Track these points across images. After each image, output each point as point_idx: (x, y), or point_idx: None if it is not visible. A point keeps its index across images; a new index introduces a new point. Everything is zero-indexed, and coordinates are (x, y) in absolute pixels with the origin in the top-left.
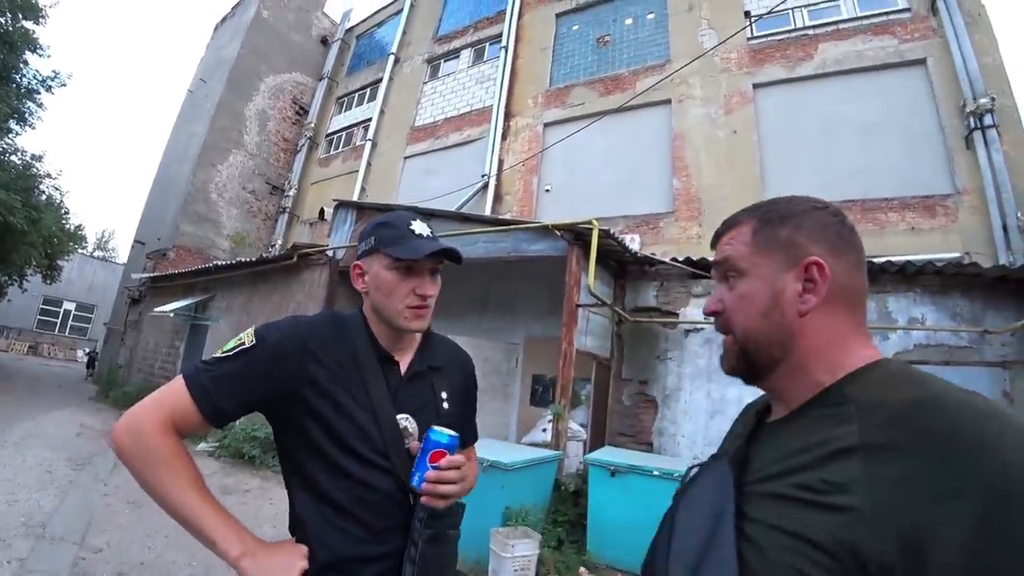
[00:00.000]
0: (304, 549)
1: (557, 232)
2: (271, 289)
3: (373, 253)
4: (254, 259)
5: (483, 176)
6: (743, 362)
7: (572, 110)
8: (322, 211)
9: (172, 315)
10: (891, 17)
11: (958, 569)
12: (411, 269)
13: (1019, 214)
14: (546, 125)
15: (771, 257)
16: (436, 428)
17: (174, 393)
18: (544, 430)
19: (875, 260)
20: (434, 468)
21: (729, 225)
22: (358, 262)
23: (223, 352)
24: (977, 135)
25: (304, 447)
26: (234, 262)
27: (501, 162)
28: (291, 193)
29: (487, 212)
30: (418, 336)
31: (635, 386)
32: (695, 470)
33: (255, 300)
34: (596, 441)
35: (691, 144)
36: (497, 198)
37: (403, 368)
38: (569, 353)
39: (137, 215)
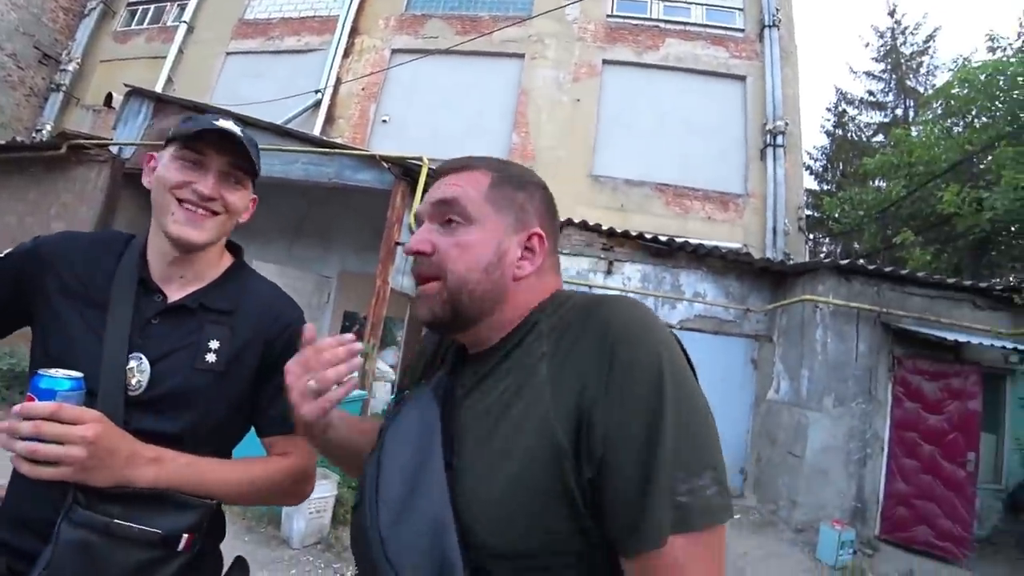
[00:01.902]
0: None
1: (385, 164)
2: (27, 184)
3: (167, 145)
4: (2, 142)
5: (317, 92)
6: (450, 311)
7: (425, 42)
8: (109, 96)
9: None
10: (728, 33)
11: (601, 428)
12: (199, 164)
13: (786, 220)
14: (394, 51)
15: (503, 216)
16: (44, 371)
17: None
18: None
19: (677, 239)
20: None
21: (462, 166)
22: (153, 154)
23: None
24: (770, 150)
25: (31, 370)
26: None
27: (339, 81)
28: (71, 68)
29: (316, 133)
30: (219, 270)
31: None
32: (394, 406)
33: (2, 196)
34: None
35: (535, 103)
36: (329, 120)
37: (171, 301)
38: (383, 291)
39: None
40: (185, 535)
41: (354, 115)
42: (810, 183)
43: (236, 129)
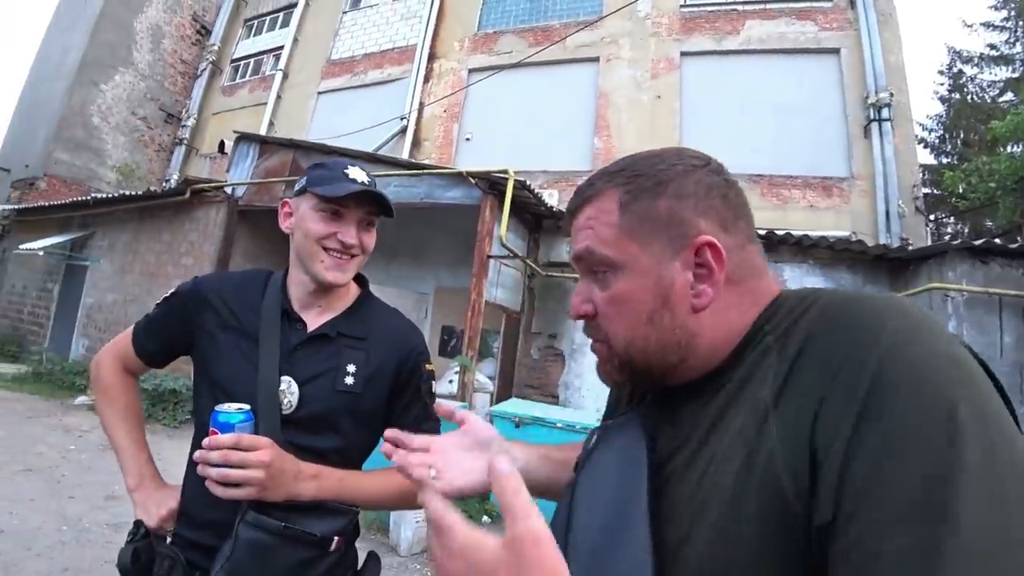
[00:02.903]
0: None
1: (472, 180)
2: (160, 227)
3: (303, 193)
4: (140, 193)
5: (402, 119)
6: (627, 374)
7: (499, 58)
8: (222, 144)
9: (43, 253)
10: (814, 4)
11: (838, 474)
12: (339, 214)
13: (900, 202)
14: (471, 70)
15: (651, 241)
16: (219, 408)
17: (126, 335)
18: (451, 381)
19: (777, 232)
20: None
21: (585, 197)
22: (288, 200)
23: (160, 298)
24: (874, 126)
25: (196, 393)
26: (116, 195)
27: (422, 106)
28: (189, 123)
29: (404, 157)
30: (349, 299)
31: (544, 340)
32: (595, 436)
33: (142, 238)
34: (503, 393)
35: (615, 105)
36: (415, 143)
37: (311, 329)
38: (478, 304)
39: None
40: (336, 537)
41: (439, 136)
42: (925, 157)
43: (366, 178)
